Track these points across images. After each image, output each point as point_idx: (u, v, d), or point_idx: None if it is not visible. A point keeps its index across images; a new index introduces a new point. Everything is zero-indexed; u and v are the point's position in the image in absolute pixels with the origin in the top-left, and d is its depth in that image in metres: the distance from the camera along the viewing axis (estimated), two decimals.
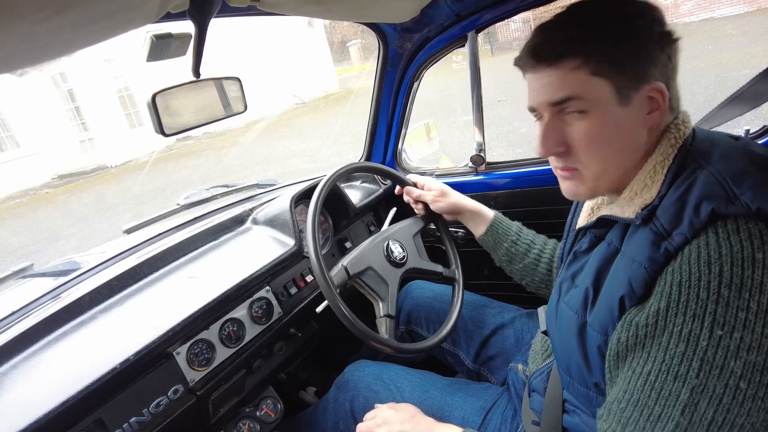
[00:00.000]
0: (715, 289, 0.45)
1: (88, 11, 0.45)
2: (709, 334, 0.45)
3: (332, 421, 1.05)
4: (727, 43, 7.85)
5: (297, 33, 15.20)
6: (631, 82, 0.55)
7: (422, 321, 1.20)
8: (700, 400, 0.45)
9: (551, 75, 0.58)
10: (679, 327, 0.47)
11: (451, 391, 0.96)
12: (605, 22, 0.55)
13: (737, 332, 0.44)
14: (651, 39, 0.55)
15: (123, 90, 12.84)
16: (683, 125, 0.58)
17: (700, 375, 0.45)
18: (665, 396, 0.47)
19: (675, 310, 0.47)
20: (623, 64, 0.54)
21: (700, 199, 0.49)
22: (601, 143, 0.58)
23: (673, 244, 0.49)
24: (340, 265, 0.92)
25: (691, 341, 0.46)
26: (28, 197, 10.52)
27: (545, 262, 1.00)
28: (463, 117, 6.56)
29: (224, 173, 8.15)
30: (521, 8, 1.11)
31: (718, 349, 0.44)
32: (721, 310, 0.45)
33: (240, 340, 0.98)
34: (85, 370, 0.76)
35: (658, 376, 0.48)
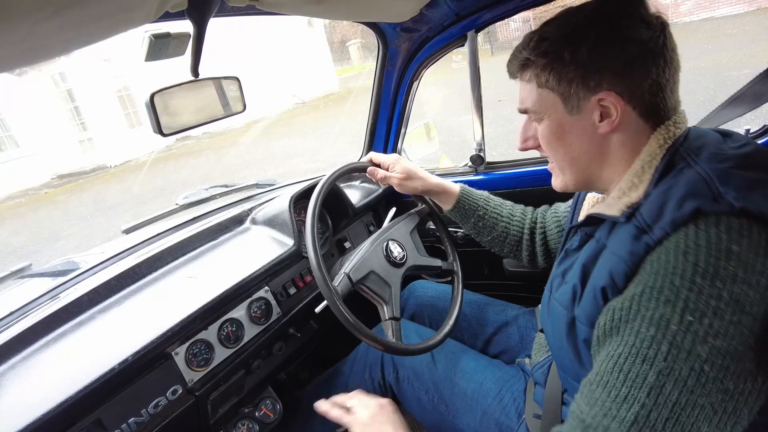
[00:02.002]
0: (690, 277, 0.47)
1: (87, 11, 0.45)
2: (679, 319, 0.46)
3: (360, 369, 1.10)
4: (728, 43, 7.85)
5: (297, 33, 15.19)
6: (577, 93, 0.59)
7: (426, 320, 1.20)
8: (666, 382, 0.46)
9: (519, 85, 0.67)
10: (651, 312, 0.48)
11: (475, 357, 1.00)
12: (554, 38, 0.60)
13: (707, 319, 0.46)
14: (596, 50, 0.57)
15: (122, 90, 12.84)
16: (674, 126, 0.59)
17: (667, 358, 0.46)
18: (632, 378, 0.48)
19: (649, 296, 0.49)
20: (567, 76, 0.59)
21: (684, 197, 0.50)
22: (554, 144, 0.65)
23: (653, 237, 0.51)
24: (343, 273, 0.92)
25: (661, 325, 0.47)
26: (27, 197, 10.51)
27: (513, 234, 1.03)
28: (464, 116, 6.56)
29: (224, 173, 8.15)
30: (521, 8, 1.11)
31: (687, 334, 0.46)
32: (693, 298, 0.46)
33: (239, 341, 0.97)
34: (84, 370, 0.76)
35: (627, 358, 0.49)
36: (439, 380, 0.98)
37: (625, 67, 0.57)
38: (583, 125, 0.61)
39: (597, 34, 0.57)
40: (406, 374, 1.03)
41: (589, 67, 0.58)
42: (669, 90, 0.58)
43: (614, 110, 0.58)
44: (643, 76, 0.57)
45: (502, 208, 1.05)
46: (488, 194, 1.07)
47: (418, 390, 1.00)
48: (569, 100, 0.60)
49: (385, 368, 1.06)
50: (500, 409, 0.88)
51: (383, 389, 1.07)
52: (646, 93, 0.58)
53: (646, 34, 0.56)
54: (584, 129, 0.61)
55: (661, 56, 0.57)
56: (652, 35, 0.56)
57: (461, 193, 1.05)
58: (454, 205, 1.05)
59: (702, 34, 9.23)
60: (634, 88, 0.57)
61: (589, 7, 0.60)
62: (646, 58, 0.56)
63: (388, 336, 0.91)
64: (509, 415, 0.87)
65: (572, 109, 0.61)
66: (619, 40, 0.57)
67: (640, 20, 0.57)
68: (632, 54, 0.56)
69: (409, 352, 0.90)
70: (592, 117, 0.60)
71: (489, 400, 0.90)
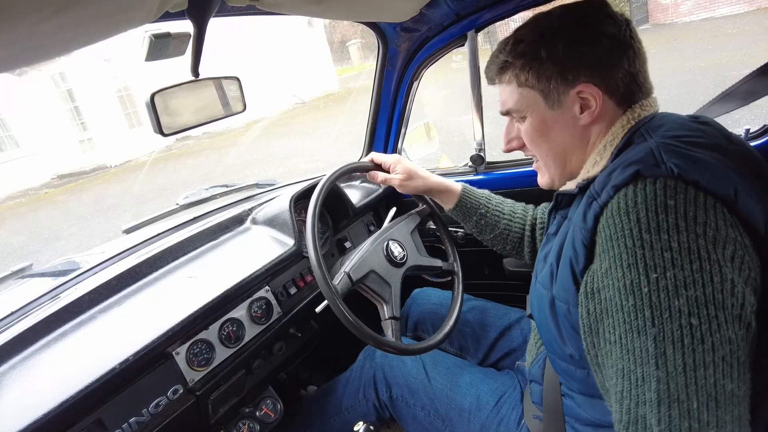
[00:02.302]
0: (638, 235, 0.48)
1: (87, 10, 0.45)
2: (646, 279, 0.47)
3: (354, 389, 1.09)
4: (728, 43, 7.84)
5: (297, 32, 15.19)
6: (557, 88, 0.63)
7: (429, 328, 1.20)
8: (666, 347, 0.46)
9: (499, 89, 0.71)
10: (621, 280, 0.49)
11: (471, 371, 0.99)
12: (529, 39, 0.64)
13: (669, 271, 0.46)
14: (571, 46, 0.61)
15: (122, 90, 12.84)
16: (641, 108, 0.62)
17: (655, 322, 0.46)
18: (639, 354, 0.48)
19: (614, 265, 0.50)
20: (546, 75, 0.63)
21: (629, 164, 0.53)
22: (538, 140, 0.68)
23: (599, 202, 0.54)
24: (343, 272, 0.92)
25: (635, 291, 0.48)
26: (27, 197, 10.51)
27: (515, 232, 1.03)
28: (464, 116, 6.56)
29: (224, 173, 8.15)
30: (521, 8, 1.11)
31: (659, 291, 0.46)
32: (648, 254, 0.47)
33: (239, 340, 0.97)
34: (85, 370, 0.76)
35: (626, 336, 0.49)
36: (435, 396, 0.97)
37: (600, 60, 0.61)
38: (564, 119, 0.64)
39: (571, 31, 0.62)
40: (400, 392, 1.02)
41: (567, 62, 0.61)
42: (641, 78, 0.63)
43: (593, 101, 0.62)
44: (616, 67, 0.61)
45: (503, 206, 1.05)
46: (489, 193, 1.07)
47: (413, 407, 1.00)
48: (549, 96, 0.64)
49: (378, 387, 1.05)
50: (498, 420, 0.88)
51: (379, 408, 1.06)
52: (620, 82, 0.62)
53: (615, 29, 0.61)
54: (566, 122, 0.65)
55: (630, 47, 0.61)
56: (621, 29, 0.61)
57: (463, 191, 1.05)
58: (455, 204, 1.05)
59: (702, 34, 9.23)
60: (609, 78, 0.62)
61: (558, 10, 0.64)
62: (618, 50, 0.61)
63: (387, 335, 0.91)
64: (508, 425, 0.87)
65: (553, 104, 0.64)
66: (591, 35, 0.61)
67: (607, 16, 0.62)
68: (605, 47, 0.61)
69: (408, 351, 0.90)
70: (573, 110, 0.63)
71: (486, 412, 0.90)
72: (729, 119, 0.94)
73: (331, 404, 1.13)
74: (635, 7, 12.35)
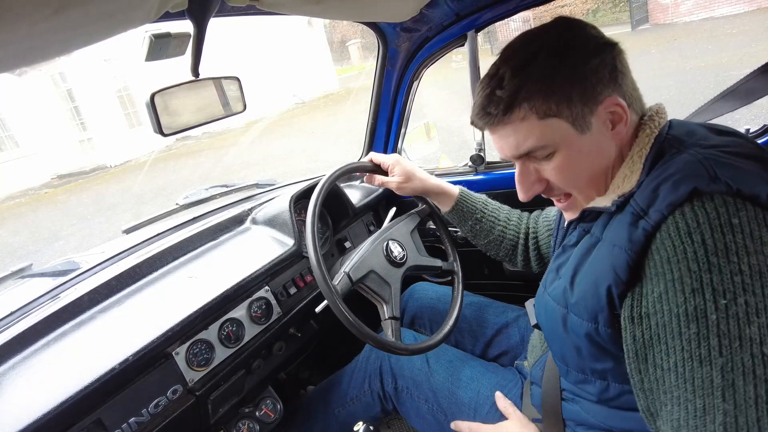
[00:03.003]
0: (704, 258, 0.45)
1: (87, 11, 0.45)
2: (714, 305, 0.44)
3: (359, 380, 1.09)
4: (727, 43, 7.84)
5: (297, 32, 15.19)
6: (583, 110, 0.56)
7: (426, 323, 1.20)
8: (735, 378, 0.42)
9: (506, 130, 0.60)
10: (684, 306, 0.45)
11: (473, 365, 0.99)
12: (535, 64, 0.57)
13: (740, 297, 0.43)
14: (587, 61, 0.56)
15: (122, 90, 12.84)
16: (657, 116, 0.60)
17: (723, 352, 0.43)
18: (700, 385, 0.44)
19: (674, 290, 0.46)
20: (567, 97, 0.56)
21: (680, 178, 0.49)
22: (573, 172, 0.61)
23: (650, 221, 0.49)
24: (342, 272, 0.91)
25: (699, 318, 0.44)
26: (27, 197, 10.51)
27: (510, 239, 1.03)
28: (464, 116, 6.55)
29: (224, 173, 8.15)
30: (521, 7, 1.11)
31: (729, 318, 0.43)
32: (717, 278, 0.44)
33: (239, 340, 0.97)
34: (84, 370, 0.76)
35: (684, 365, 0.45)
36: (438, 389, 0.97)
37: (612, 71, 0.57)
38: (597, 139, 0.58)
39: (579, 51, 0.56)
40: (405, 384, 1.02)
41: (587, 81, 0.56)
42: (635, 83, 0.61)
43: (622, 112, 0.58)
44: (624, 75, 0.59)
45: (500, 212, 1.05)
46: (486, 198, 1.07)
47: (417, 399, 1.00)
48: (578, 121, 0.57)
49: (384, 378, 1.05)
50: (498, 416, 0.88)
51: (383, 399, 1.06)
52: (630, 89, 0.59)
53: (607, 39, 0.59)
54: (599, 143, 0.59)
55: (624, 54, 0.60)
56: (610, 40, 0.59)
57: (460, 195, 1.05)
58: (452, 207, 1.05)
59: (702, 33, 9.23)
60: (624, 87, 0.59)
61: (547, 34, 0.59)
62: (620, 59, 0.58)
63: (387, 335, 0.91)
64: None
65: (583, 128, 0.57)
66: (596, 49, 0.57)
67: (592, 28, 0.60)
68: (610, 58, 0.57)
69: (409, 351, 0.90)
70: (604, 127, 0.58)
71: (487, 408, 0.90)
72: (729, 119, 0.94)
73: (336, 396, 1.13)
74: (635, 7, 12.35)
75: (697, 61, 6.89)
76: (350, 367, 1.15)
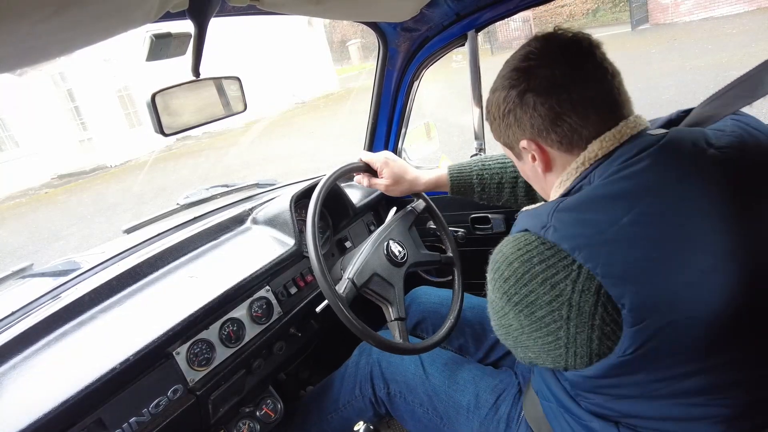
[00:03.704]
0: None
1: (87, 11, 0.45)
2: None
3: (350, 386, 1.08)
4: (727, 43, 7.85)
5: (297, 32, 15.19)
6: (512, 143, 0.70)
7: (429, 327, 1.19)
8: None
9: None
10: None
11: (469, 367, 0.99)
12: (497, 97, 0.68)
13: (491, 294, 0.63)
14: (505, 113, 0.66)
15: (122, 90, 12.84)
16: (599, 145, 0.60)
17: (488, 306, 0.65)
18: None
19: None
20: (505, 132, 0.69)
21: (526, 218, 0.62)
22: (530, 181, 0.77)
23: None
24: (347, 279, 0.91)
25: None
26: (27, 197, 10.52)
27: (522, 179, 1.02)
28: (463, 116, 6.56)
29: (224, 173, 8.15)
30: (521, 7, 1.11)
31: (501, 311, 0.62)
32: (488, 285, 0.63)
33: (240, 340, 0.97)
34: (85, 369, 0.76)
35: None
36: (434, 393, 0.97)
37: (542, 117, 0.62)
38: (528, 167, 0.71)
39: (504, 104, 0.65)
40: (398, 389, 1.02)
41: (513, 125, 0.66)
42: (592, 118, 0.60)
43: (535, 152, 0.66)
44: (558, 119, 0.61)
45: (494, 162, 1.05)
46: (479, 159, 1.07)
47: (411, 403, 1.00)
48: (513, 150, 0.71)
49: (375, 384, 1.05)
50: (497, 418, 0.88)
51: (375, 405, 1.06)
52: (551, 133, 0.62)
53: (548, 74, 0.60)
54: (531, 170, 0.71)
55: (566, 91, 0.59)
56: (554, 73, 0.60)
57: (450, 178, 1.06)
58: (450, 189, 1.07)
59: (702, 33, 9.24)
60: (550, 131, 0.62)
61: (520, 63, 0.65)
62: (566, 104, 0.60)
63: (395, 337, 0.92)
64: (508, 423, 0.87)
65: (519, 156, 0.72)
66: (521, 101, 0.63)
67: (540, 67, 0.61)
68: (549, 103, 0.60)
69: (417, 350, 0.91)
70: (528, 160, 0.69)
71: (485, 410, 0.90)
72: None
73: (329, 401, 1.13)
74: (635, 7, 12.35)
75: (696, 61, 6.89)
76: (340, 372, 1.14)
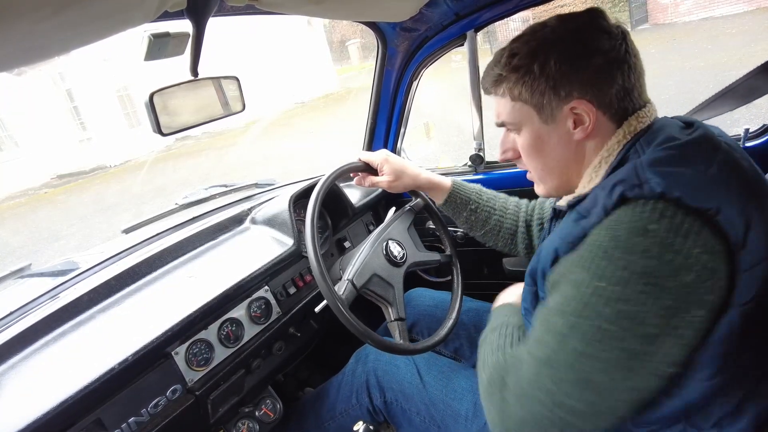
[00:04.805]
0: (606, 248, 0.52)
1: (86, 10, 0.45)
2: (593, 283, 0.52)
3: (346, 394, 1.07)
4: (727, 42, 7.85)
5: (296, 32, 15.19)
6: (551, 103, 0.63)
7: (424, 330, 1.18)
8: (571, 333, 0.53)
9: (494, 100, 0.71)
10: (574, 276, 0.55)
11: (467, 375, 0.97)
12: (523, 53, 0.63)
13: (616, 286, 0.51)
14: (571, 59, 0.61)
15: (121, 89, 12.84)
16: (636, 120, 0.62)
17: (575, 314, 0.53)
18: (547, 326, 0.57)
19: (574, 263, 0.55)
20: (539, 88, 0.62)
21: (614, 184, 0.54)
22: (534, 154, 0.69)
23: (589, 222, 0.55)
24: (346, 280, 0.91)
25: (578, 287, 0.54)
26: (27, 197, 10.51)
27: (507, 227, 1.03)
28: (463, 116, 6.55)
29: (223, 173, 8.15)
30: (520, 7, 1.11)
31: (595, 296, 0.52)
32: (606, 265, 0.51)
33: (239, 340, 0.97)
34: (84, 370, 0.76)
35: (550, 311, 0.57)
36: (431, 402, 0.95)
37: (593, 77, 0.60)
38: (558, 134, 0.64)
39: (565, 47, 0.61)
40: (394, 397, 1.01)
41: (559, 78, 0.61)
42: (636, 93, 0.62)
43: (587, 117, 0.61)
44: (610, 83, 0.60)
45: (495, 201, 1.05)
46: (481, 188, 1.06)
47: (408, 412, 0.98)
48: (543, 111, 0.64)
49: (372, 393, 1.03)
50: None
51: (373, 413, 1.05)
52: (614, 98, 0.61)
53: (609, 44, 0.60)
54: (560, 137, 0.65)
55: (625, 63, 0.61)
56: (615, 44, 0.60)
57: (453, 187, 1.05)
58: (445, 199, 1.05)
59: (701, 33, 9.24)
60: (602, 95, 0.61)
61: (553, 23, 0.63)
62: (611, 67, 0.60)
63: (395, 338, 0.92)
64: None
65: (547, 119, 0.64)
66: (585, 52, 0.60)
67: (602, 32, 0.61)
68: (598, 64, 0.60)
69: (417, 351, 0.91)
70: (567, 125, 0.63)
71: (484, 418, 0.89)
72: (728, 118, 0.95)
73: (326, 408, 1.12)
74: (635, 7, 12.35)
75: (696, 61, 6.89)
76: (337, 379, 1.13)
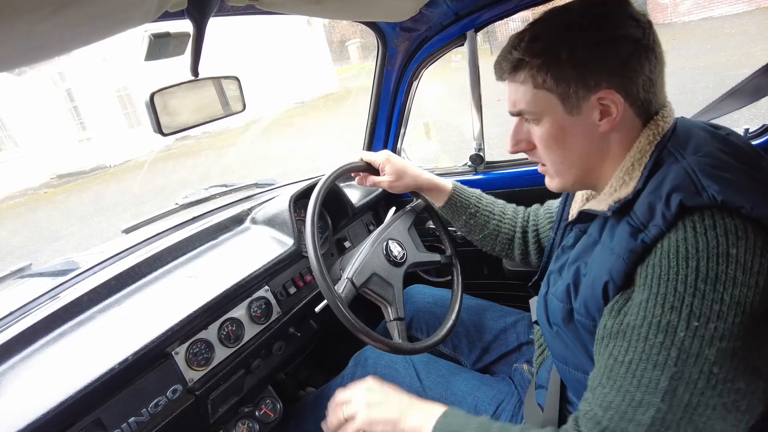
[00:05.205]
0: (692, 283, 0.48)
1: (86, 10, 0.45)
2: (686, 325, 0.48)
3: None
4: (727, 42, 7.85)
5: (296, 32, 15.18)
6: (577, 92, 0.58)
7: (423, 327, 1.19)
8: (678, 386, 0.48)
9: (511, 86, 0.65)
10: (658, 318, 0.50)
11: (466, 378, 0.97)
12: (547, 38, 0.59)
13: (712, 323, 0.47)
14: (598, 48, 0.57)
15: (121, 89, 12.83)
16: (662, 120, 0.60)
17: (678, 363, 0.48)
18: (646, 383, 0.50)
19: (654, 302, 0.50)
20: (565, 76, 0.58)
21: (670, 192, 0.51)
22: (554, 146, 0.64)
23: (649, 236, 0.52)
24: (346, 279, 0.91)
25: (669, 332, 0.49)
26: (27, 197, 10.51)
27: (505, 233, 1.02)
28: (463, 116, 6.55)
29: (223, 173, 8.14)
30: (520, 7, 1.11)
31: (695, 339, 0.47)
32: (697, 303, 0.47)
33: (239, 340, 0.97)
34: (84, 370, 0.75)
35: (639, 364, 0.51)
36: None
37: (622, 65, 0.57)
38: (583, 125, 0.60)
39: (593, 33, 0.57)
40: None
41: (587, 66, 0.57)
42: (659, 85, 0.60)
43: (614, 108, 0.58)
44: (638, 73, 0.57)
45: (494, 206, 1.04)
46: (480, 192, 1.06)
47: None
48: (568, 101, 0.59)
49: None
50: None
51: None
52: (640, 89, 0.58)
53: (638, 32, 0.57)
54: (584, 129, 0.61)
55: (653, 52, 0.58)
56: (644, 32, 0.57)
57: (453, 190, 1.04)
58: (445, 202, 1.05)
59: (701, 33, 9.24)
60: (630, 85, 0.58)
61: (577, 7, 0.60)
62: (640, 55, 0.57)
63: (394, 337, 0.92)
64: None
65: (572, 109, 0.60)
66: (614, 38, 0.57)
67: (630, 18, 0.58)
68: (628, 52, 0.57)
69: (416, 351, 0.91)
70: (592, 116, 0.59)
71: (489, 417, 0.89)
72: (728, 118, 0.95)
73: (325, 411, 1.12)
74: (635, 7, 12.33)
75: (696, 61, 6.89)
76: (336, 382, 1.12)
